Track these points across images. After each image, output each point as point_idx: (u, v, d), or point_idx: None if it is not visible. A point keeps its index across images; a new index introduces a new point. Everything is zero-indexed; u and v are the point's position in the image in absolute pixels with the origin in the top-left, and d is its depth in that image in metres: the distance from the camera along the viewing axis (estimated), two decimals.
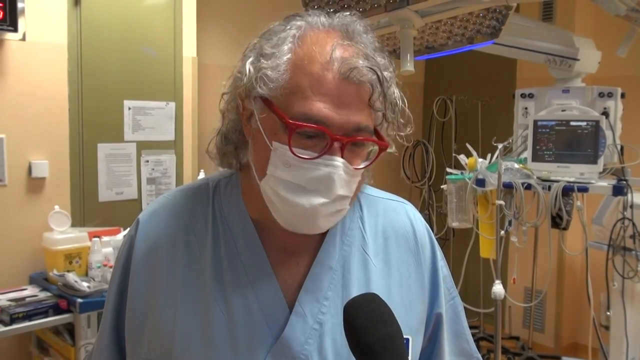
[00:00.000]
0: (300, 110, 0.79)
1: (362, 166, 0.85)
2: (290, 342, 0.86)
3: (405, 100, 0.87)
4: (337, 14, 0.86)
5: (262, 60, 0.82)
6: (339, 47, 0.80)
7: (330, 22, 0.85)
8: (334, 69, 0.79)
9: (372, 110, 0.82)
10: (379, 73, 0.81)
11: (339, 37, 0.83)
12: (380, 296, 0.78)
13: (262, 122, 0.83)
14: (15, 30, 2.62)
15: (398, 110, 0.86)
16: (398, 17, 1.97)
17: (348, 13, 0.87)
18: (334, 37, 0.83)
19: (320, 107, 0.79)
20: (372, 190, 1.01)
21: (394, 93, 0.85)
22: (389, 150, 0.88)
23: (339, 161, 0.80)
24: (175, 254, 0.90)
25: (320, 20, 0.85)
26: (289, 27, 0.84)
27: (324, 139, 0.80)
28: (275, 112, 0.80)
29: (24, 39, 2.68)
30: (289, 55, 0.81)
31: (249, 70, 0.82)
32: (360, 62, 0.80)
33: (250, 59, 0.84)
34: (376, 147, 0.86)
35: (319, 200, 0.81)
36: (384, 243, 0.97)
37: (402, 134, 0.89)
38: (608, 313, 2.80)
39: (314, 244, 0.92)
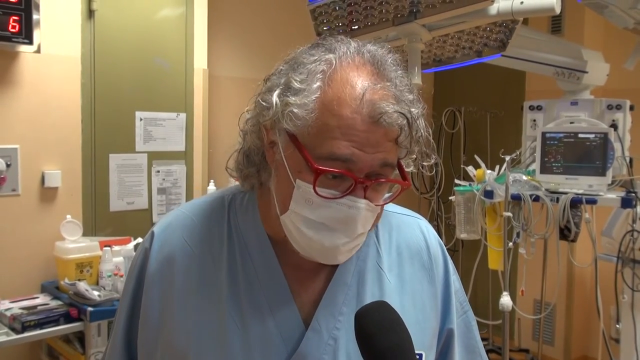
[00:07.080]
0: (328, 149, 0.78)
1: (382, 202, 0.85)
2: (305, 358, 0.86)
3: (430, 130, 0.85)
4: (367, 45, 0.85)
5: (290, 96, 0.80)
6: (369, 90, 0.79)
7: (362, 55, 0.83)
8: (363, 113, 0.78)
9: (398, 147, 0.82)
10: (409, 117, 0.80)
11: (369, 73, 0.82)
12: None
13: (286, 158, 0.82)
14: (31, 42, 2.66)
15: (423, 141, 0.84)
16: (406, 31, 1.99)
17: (377, 45, 0.86)
18: (364, 74, 0.81)
19: (348, 146, 0.78)
20: (386, 205, 1.01)
21: (421, 127, 0.83)
22: (407, 169, 0.87)
23: (362, 202, 0.80)
24: (189, 268, 0.90)
25: (350, 52, 0.83)
26: (318, 59, 0.82)
27: (348, 179, 0.80)
28: (301, 152, 0.80)
29: (38, 51, 2.72)
30: (317, 94, 0.80)
31: (276, 103, 0.81)
32: (391, 106, 0.78)
33: (277, 92, 0.82)
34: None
35: (341, 239, 0.82)
36: (398, 258, 0.97)
37: (425, 164, 0.87)
38: (618, 326, 2.78)
39: None
